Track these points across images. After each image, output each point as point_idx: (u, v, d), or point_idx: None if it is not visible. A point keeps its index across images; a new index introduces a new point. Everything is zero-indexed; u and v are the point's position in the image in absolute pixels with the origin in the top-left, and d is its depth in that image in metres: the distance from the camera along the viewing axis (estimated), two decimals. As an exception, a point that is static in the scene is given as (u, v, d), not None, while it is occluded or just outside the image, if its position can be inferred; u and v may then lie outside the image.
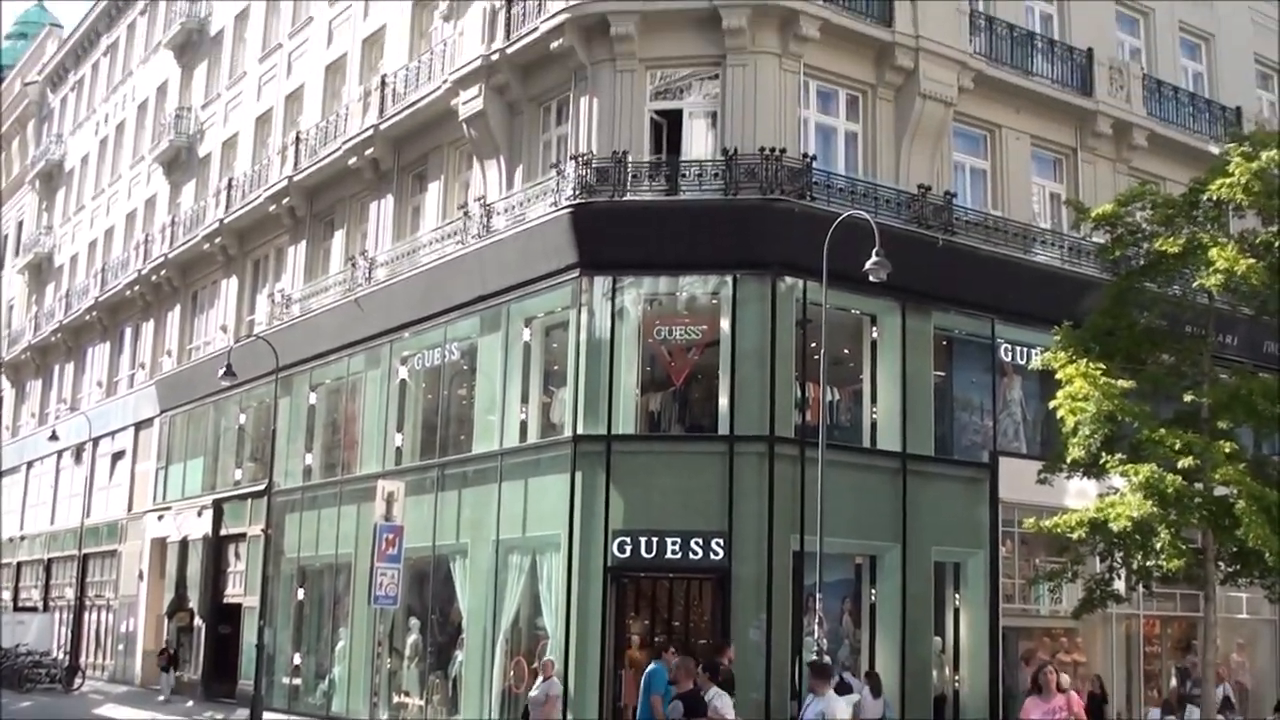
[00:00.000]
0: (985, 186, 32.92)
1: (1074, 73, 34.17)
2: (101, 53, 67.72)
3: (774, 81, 29.27)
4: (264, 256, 44.99)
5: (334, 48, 42.02)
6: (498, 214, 31.40)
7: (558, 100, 31.38)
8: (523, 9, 31.40)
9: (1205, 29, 39.06)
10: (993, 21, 32.91)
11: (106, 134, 64.12)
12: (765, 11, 29.05)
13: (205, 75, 52.42)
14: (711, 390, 28.59)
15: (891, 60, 30.50)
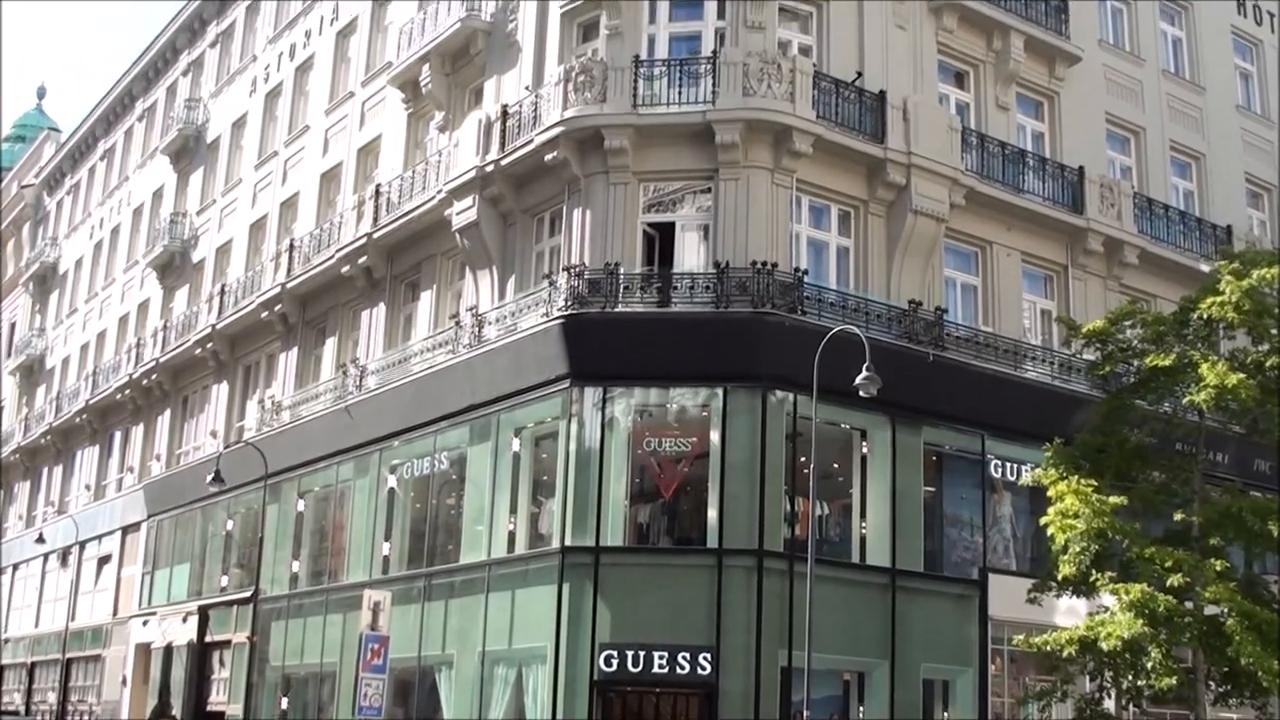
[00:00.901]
0: (976, 302, 33.03)
1: (1065, 190, 34.40)
2: (98, 157, 68.13)
3: (766, 196, 29.45)
4: (255, 362, 44.97)
5: (330, 156, 42.29)
6: (489, 324, 31.46)
7: (551, 212, 31.53)
8: (518, 121, 31.65)
9: (1196, 148, 39.42)
10: (984, 139, 33.19)
11: (101, 238, 64.35)
12: (758, 127, 29.26)
13: (201, 181, 52.69)
14: (701, 503, 28.49)
15: (884, 176, 30.70)
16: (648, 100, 29.85)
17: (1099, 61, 37.15)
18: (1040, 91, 35.63)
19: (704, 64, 29.96)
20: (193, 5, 56.03)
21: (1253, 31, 42.67)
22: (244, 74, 50.67)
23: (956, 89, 34.17)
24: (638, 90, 29.84)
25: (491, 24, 34.56)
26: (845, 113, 30.54)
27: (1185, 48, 40.44)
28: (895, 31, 32.51)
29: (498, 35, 34.36)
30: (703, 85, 29.76)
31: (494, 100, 33.51)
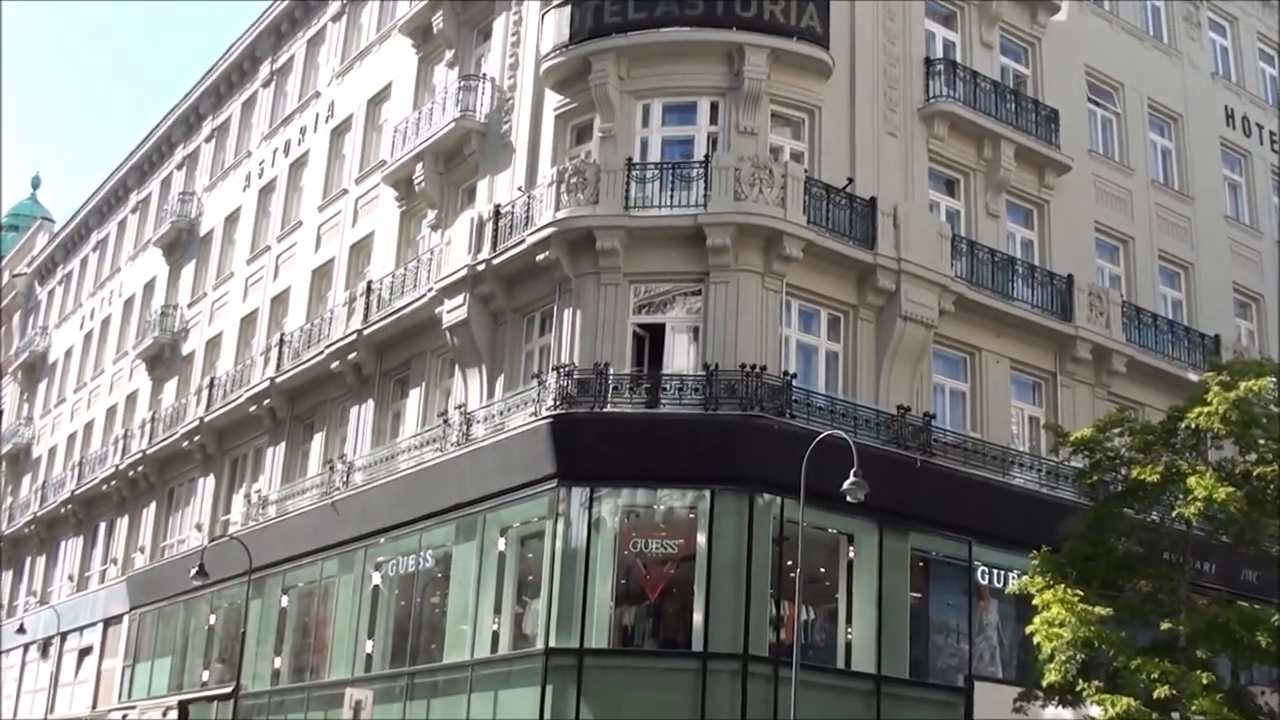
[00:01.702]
0: (964, 408, 33.06)
1: (1054, 298, 34.54)
2: (91, 248, 68.34)
3: (756, 299, 29.56)
4: (242, 456, 44.85)
5: (322, 252, 42.46)
6: (477, 422, 31.44)
7: (541, 311, 31.62)
8: (510, 221, 31.83)
9: (1185, 258, 39.67)
10: (974, 246, 33.37)
11: (91, 328, 64.41)
12: (749, 231, 29.43)
13: (193, 274, 52.84)
14: (686, 605, 28.31)
15: (873, 282, 30.84)
16: (640, 202, 30.05)
17: (1089, 171, 37.47)
18: (1030, 199, 35.89)
19: (696, 168, 30.18)
20: (189, 100, 56.46)
21: (1241, 143, 43.09)
22: (238, 169, 51.01)
23: (947, 196, 34.42)
24: (630, 192, 30.04)
25: (486, 125, 34.83)
26: (836, 218, 30.73)
27: (1174, 158, 40.82)
28: (886, 139, 32.81)
29: (492, 136, 34.64)
30: (695, 189, 29.95)
31: (487, 200, 33.75)
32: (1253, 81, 44.52)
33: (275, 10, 49.50)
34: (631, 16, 31.42)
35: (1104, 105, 39.15)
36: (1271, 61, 45.81)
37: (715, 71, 31.41)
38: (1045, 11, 37.19)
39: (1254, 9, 45.29)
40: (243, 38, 51.88)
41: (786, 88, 31.72)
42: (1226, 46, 44.27)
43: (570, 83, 32.29)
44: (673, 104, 31.96)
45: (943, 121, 33.76)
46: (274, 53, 50.18)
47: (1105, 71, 39.09)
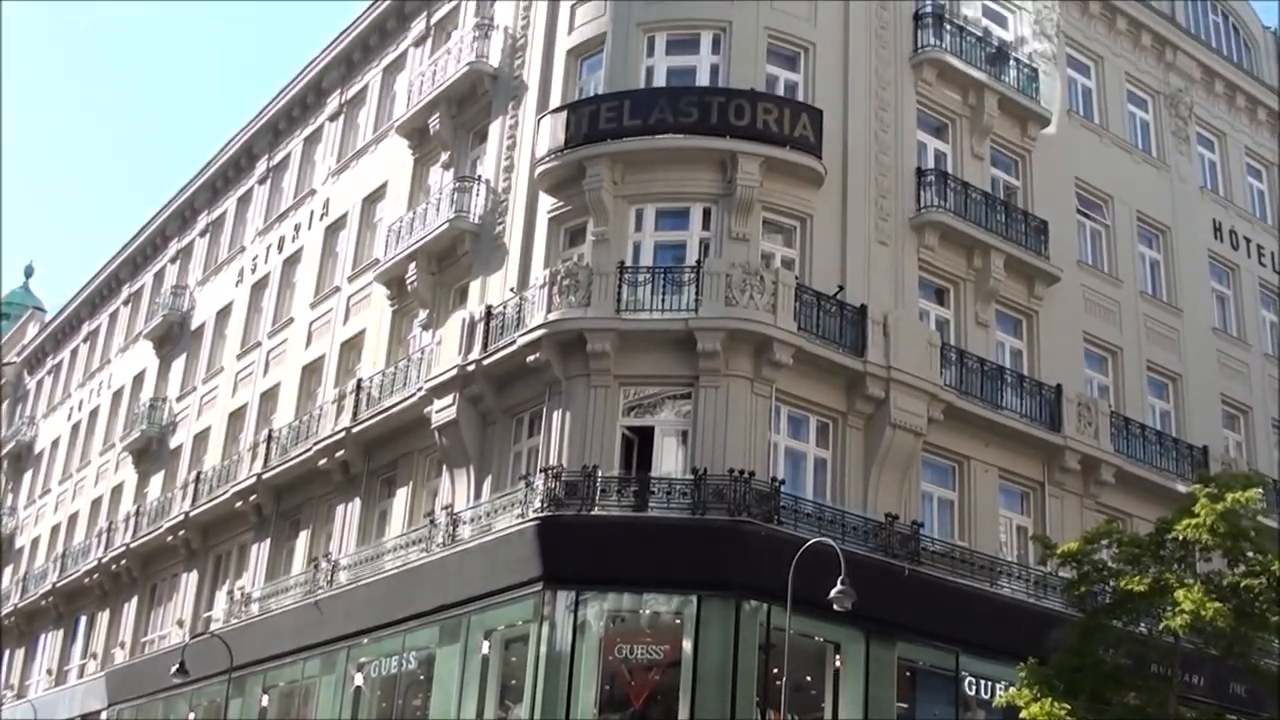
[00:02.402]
0: (953, 517, 33.01)
1: (1043, 408, 34.60)
2: (81, 339, 68.32)
3: (746, 404, 29.59)
4: (226, 553, 44.59)
5: (312, 349, 42.48)
6: (464, 523, 31.34)
7: (530, 412, 31.62)
8: (501, 322, 31.93)
9: (1173, 369, 39.79)
10: (963, 355, 33.48)
11: (79, 419, 64.23)
12: (740, 336, 29.51)
13: (183, 368, 52.79)
14: (671, 712, 28.03)
15: (863, 389, 30.90)
16: (631, 305, 30.18)
17: (1078, 281, 37.69)
18: (1019, 309, 36.05)
19: (688, 273, 30.35)
20: (185, 194, 56.73)
21: (1229, 256, 43.40)
22: (232, 264, 51.15)
23: (937, 305, 34.59)
24: (621, 295, 30.19)
25: (480, 226, 35.02)
26: (826, 325, 30.87)
27: (1163, 270, 41.08)
28: (877, 247, 33.02)
29: (485, 237, 34.82)
30: (686, 293, 30.11)
31: (479, 300, 33.86)
32: (1241, 195, 44.94)
33: (274, 108, 49.88)
34: (626, 123, 31.74)
35: (1093, 217, 39.45)
36: (1259, 176, 46.29)
37: (708, 178, 31.68)
38: (1035, 124, 37.58)
39: (1242, 124, 45.81)
40: (240, 134, 52.24)
41: (779, 195, 31.98)
42: (1215, 161, 44.74)
43: (564, 186, 32.54)
44: (666, 209, 32.21)
45: (933, 231, 34.00)
46: (271, 150, 50.52)
47: (1095, 184, 39.44)
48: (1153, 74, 42.96)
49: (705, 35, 33.50)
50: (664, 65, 33.45)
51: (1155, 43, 43.03)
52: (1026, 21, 39.10)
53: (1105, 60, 41.56)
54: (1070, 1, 40.73)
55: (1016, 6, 39.08)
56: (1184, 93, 43.53)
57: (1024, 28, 38.97)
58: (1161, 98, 43.01)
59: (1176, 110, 43.19)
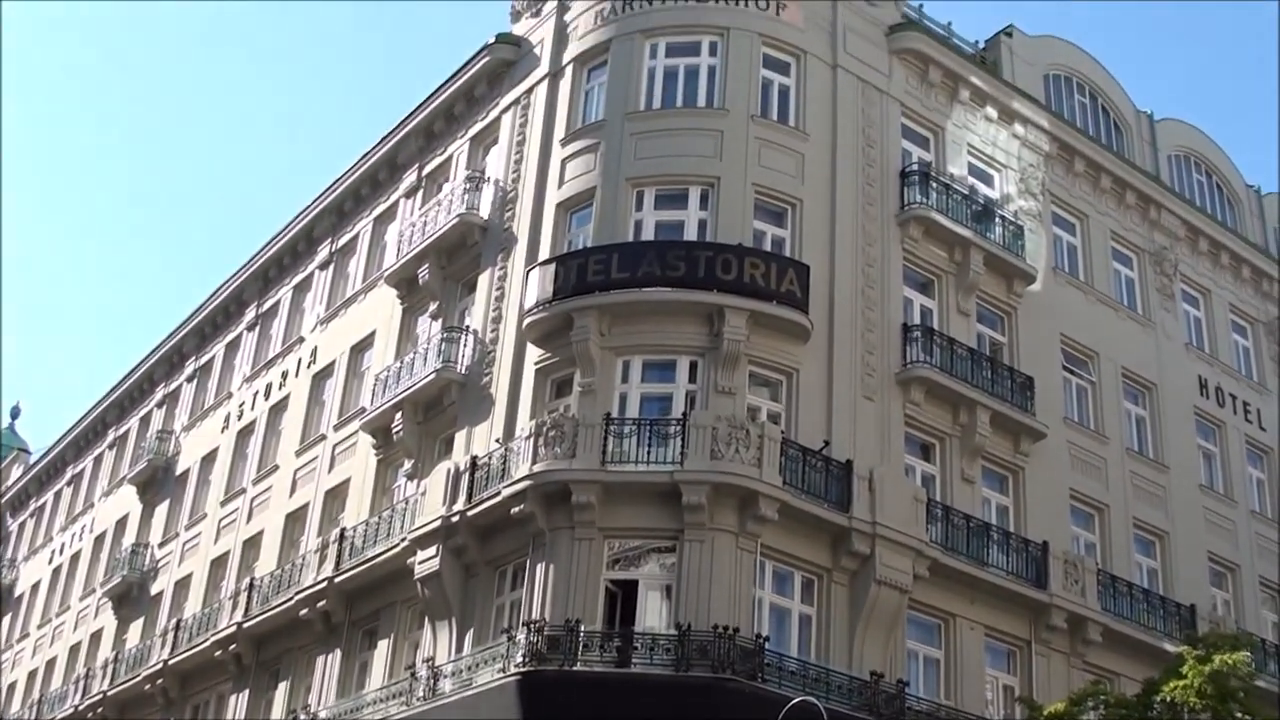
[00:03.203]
0: (938, 675, 32.66)
1: (1029, 565, 34.41)
2: (65, 482, 68.08)
3: (730, 559, 29.41)
4: (204, 702, 43.99)
5: (297, 497, 42.29)
6: (445, 677, 30.96)
7: (514, 564, 31.41)
8: (486, 473, 31.83)
9: (1160, 526, 39.67)
10: (949, 511, 33.37)
11: (60, 563, 63.76)
12: (725, 490, 29.42)
13: (166, 513, 52.51)
14: None
15: (848, 545, 30.75)
16: (617, 457, 30.11)
17: (1064, 438, 37.70)
18: (1005, 465, 36.00)
19: (674, 425, 30.32)
20: (174, 339, 56.84)
21: (1215, 413, 43.48)
22: (218, 409, 51.12)
23: (923, 460, 34.55)
24: (607, 447, 30.12)
25: (466, 376, 35.08)
26: (812, 480, 30.79)
27: (1149, 427, 41.12)
28: (863, 402, 33.07)
29: (472, 387, 34.84)
30: (671, 446, 30.06)
31: (464, 450, 33.79)
32: (1226, 352, 45.16)
33: (264, 256, 50.16)
34: (614, 275, 31.93)
35: (1079, 374, 39.57)
36: (1244, 333, 46.53)
37: (695, 331, 31.79)
38: (1021, 281, 37.84)
39: (1226, 281, 46.17)
40: (231, 280, 52.47)
41: (765, 349, 32.07)
42: (1200, 317, 45.03)
43: (552, 338, 32.64)
44: (652, 361, 32.28)
45: (919, 387, 34.05)
46: (261, 297, 50.74)
47: (1081, 340, 39.62)
48: (1137, 231, 43.39)
49: (693, 190, 33.81)
50: (652, 219, 33.72)
51: (1139, 201, 43.50)
52: (1012, 179, 39.55)
53: (1090, 218, 41.99)
54: (1055, 160, 41.19)
55: (1002, 165, 39.55)
56: (1169, 250, 43.91)
57: (1009, 186, 39.42)
58: (1146, 255, 43.39)
59: (1161, 267, 43.54)
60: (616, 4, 36.51)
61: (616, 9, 36.42)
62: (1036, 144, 40.63)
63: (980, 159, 39.18)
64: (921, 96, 38.34)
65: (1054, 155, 41.18)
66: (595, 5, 36.90)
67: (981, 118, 39.50)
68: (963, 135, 38.86)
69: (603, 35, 36.33)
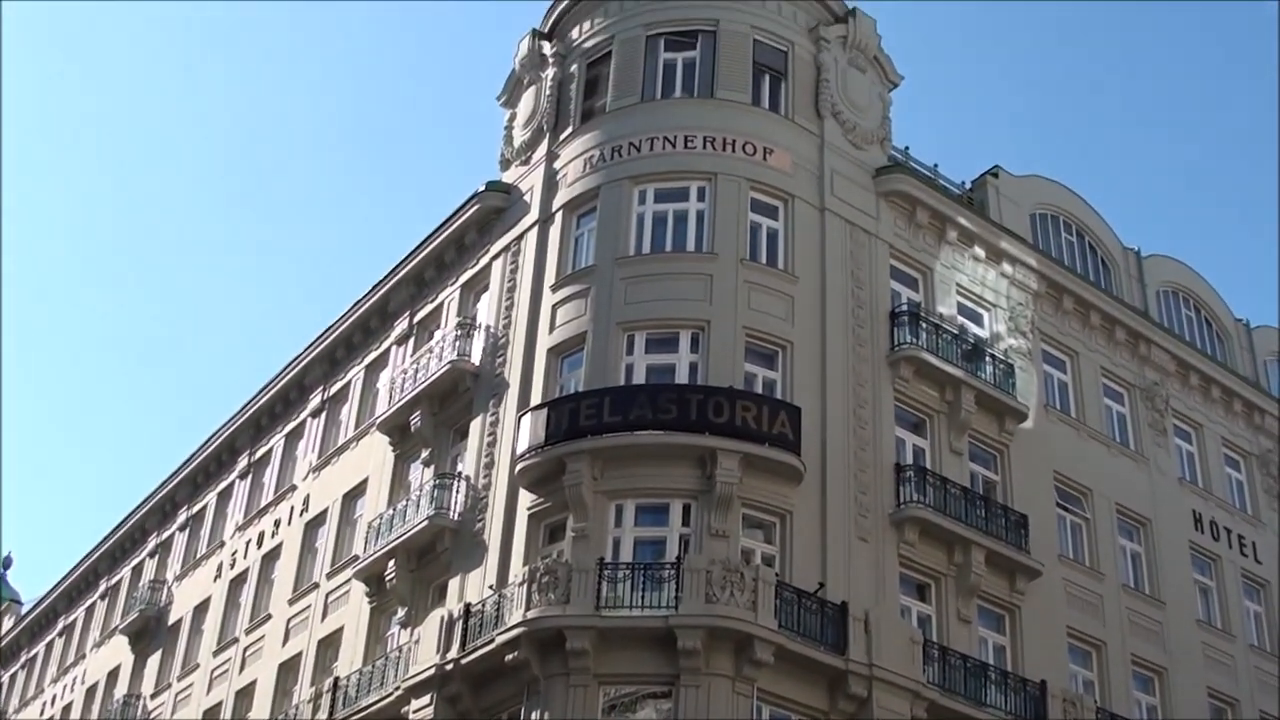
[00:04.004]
0: (940, 818, 32.24)
1: (1027, 704, 34.08)
2: (57, 633, 67.60)
3: (727, 703, 29.19)
4: None
5: (290, 646, 41.98)
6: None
7: (509, 712, 31.07)
8: (480, 620, 31.66)
9: (1158, 663, 39.40)
10: (946, 652, 33.15)
11: (52, 715, 63.11)
12: (720, 634, 29.26)
13: (158, 663, 52.07)
14: None
15: (845, 688, 30.51)
16: (611, 602, 30.01)
17: (1059, 575, 37.54)
18: (1001, 604, 35.81)
19: (668, 569, 30.25)
20: (166, 488, 56.73)
21: (1211, 547, 43.34)
22: (210, 558, 50.89)
23: (918, 601, 34.39)
24: (601, 592, 30.04)
25: (459, 523, 35.01)
26: (807, 623, 30.63)
27: (1145, 562, 40.96)
28: (857, 543, 33.00)
29: (465, 534, 34.76)
30: (666, 590, 29.96)
31: (457, 597, 33.66)
32: (1220, 486, 45.12)
33: (257, 404, 50.22)
34: (606, 419, 32.00)
35: (1073, 510, 39.52)
36: (1238, 466, 46.53)
37: (688, 474, 31.80)
38: (1013, 419, 37.92)
39: (1218, 415, 46.26)
40: (223, 429, 52.48)
41: (758, 491, 32.05)
42: (1193, 452, 45.04)
43: (544, 482, 32.63)
44: (646, 505, 32.22)
45: (913, 527, 33.99)
46: (253, 445, 50.72)
47: (1074, 477, 39.62)
48: (1128, 367, 43.56)
49: (684, 334, 34.01)
50: (644, 363, 33.88)
51: (1129, 337, 43.71)
52: (1001, 318, 39.79)
53: (1080, 355, 42.17)
54: (1044, 298, 41.47)
55: (991, 304, 39.81)
56: (1159, 385, 44.06)
57: (999, 324, 39.65)
58: (1137, 390, 43.52)
59: (1153, 403, 43.65)
60: (605, 151, 36.95)
61: (606, 156, 36.86)
62: (1025, 282, 40.93)
63: (969, 298, 39.46)
64: (909, 237, 38.71)
65: (1043, 293, 41.47)
66: (584, 153, 37.36)
67: (970, 257, 39.85)
68: (951, 275, 39.17)
69: (592, 182, 36.75)
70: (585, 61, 39.35)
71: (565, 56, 39.87)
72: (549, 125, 39.09)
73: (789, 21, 39.09)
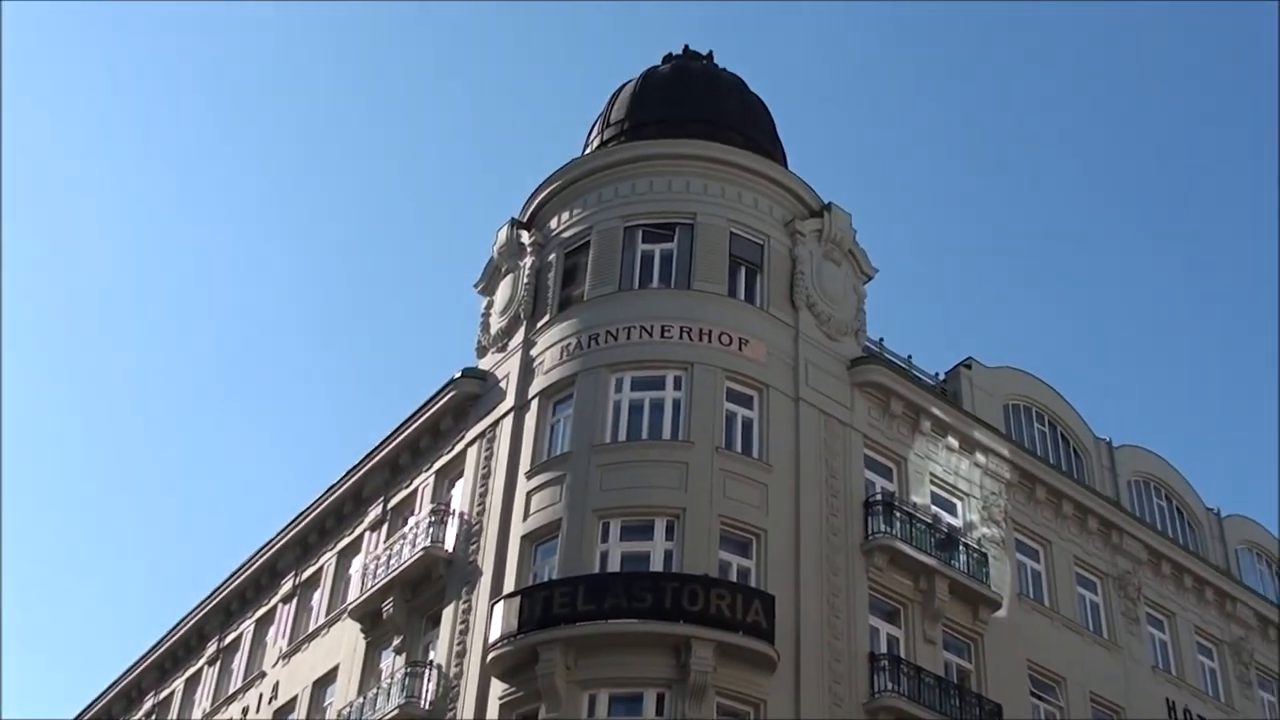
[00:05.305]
0: None
1: None
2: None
3: None
4: None
5: None
6: None
7: None
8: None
9: None
10: None
11: None
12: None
13: None
14: None
15: None
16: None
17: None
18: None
19: (641, 759, 29.95)
20: (132, 674, 56.04)
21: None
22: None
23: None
24: (575, 781, 29.69)
25: (429, 712, 34.65)
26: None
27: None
28: None
29: (436, 725, 34.36)
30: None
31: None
32: (1193, 674, 44.97)
33: (227, 589, 49.81)
34: (580, 607, 31.90)
35: (1047, 699, 39.34)
36: (1210, 654, 46.40)
37: (662, 663, 31.62)
38: (987, 608, 37.88)
39: (1190, 603, 46.26)
40: (192, 614, 51.96)
41: (732, 680, 31.88)
42: (1166, 640, 44.95)
43: (517, 672, 32.42)
44: (619, 694, 31.99)
45: (888, 716, 33.78)
46: (222, 630, 50.20)
47: (1047, 665, 39.51)
48: (1101, 556, 43.64)
49: (659, 521, 34.04)
50: (618, 551, 33.85)
51: (1101, 526, 43.86)
52: (975, 507, 39.97)
53: (1053, 544, 42.29)
54: (1016, 487, 41.68)
55: (964, 493, 40.01)
56: (1132, 574, 44.11)
57: (972, 513, 39.80)
58: (1110, 579, 43.57)
59: (1125, 591, 43.68)
60: (583, 339, 37.34)
61: (583, 344, 37.23)
62: (998, 472, 41.20)
63: (943, 487, 39.65)
64: (884, 428, 39.02)
65: (1015, 483, 41.70)
66: (561, 340, 37.74)
67: (943, 447, 40.13)
68: (925, 464, 39.43)
69: (569, 369, 37.07)
70: (563, 251, 39.92)
71: (544, 245, 40.45)
72: (526, 313, 39.53)
73: (765, 215, 39.85)
